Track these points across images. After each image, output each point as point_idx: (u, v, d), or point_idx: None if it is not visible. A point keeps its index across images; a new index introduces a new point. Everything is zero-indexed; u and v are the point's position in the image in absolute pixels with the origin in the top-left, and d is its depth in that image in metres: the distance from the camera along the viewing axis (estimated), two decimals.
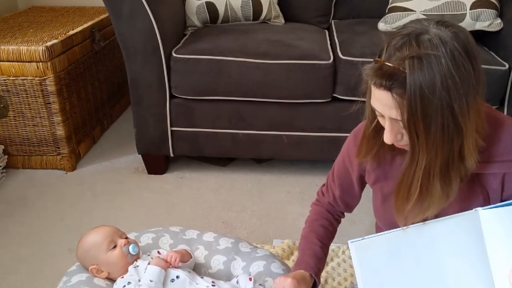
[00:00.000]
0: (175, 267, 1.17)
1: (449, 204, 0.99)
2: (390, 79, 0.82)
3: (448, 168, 0.89)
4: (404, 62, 0.81)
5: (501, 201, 1.01)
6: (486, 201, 0.99)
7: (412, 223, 0.95)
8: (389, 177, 1.06)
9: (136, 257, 1.19)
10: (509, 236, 0.91)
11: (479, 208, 0.93)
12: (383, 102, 0.85)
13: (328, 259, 1.49)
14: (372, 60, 0.88)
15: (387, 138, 0.89)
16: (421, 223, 0.96)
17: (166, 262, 1.17)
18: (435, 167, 0.88)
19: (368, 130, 0.99)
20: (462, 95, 0.82)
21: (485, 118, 0.92)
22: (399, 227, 0.97)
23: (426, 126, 0.83)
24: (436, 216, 0.96)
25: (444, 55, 0.80)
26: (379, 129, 0.96)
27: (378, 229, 1.22)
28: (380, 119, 0.91)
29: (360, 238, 0.95)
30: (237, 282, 1.18)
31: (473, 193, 0.99)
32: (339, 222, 1.27)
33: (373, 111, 0.93)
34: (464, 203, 0.99)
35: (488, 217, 0.92)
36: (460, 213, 0.94)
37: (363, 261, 0.94)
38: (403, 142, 0.90)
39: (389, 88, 0.82)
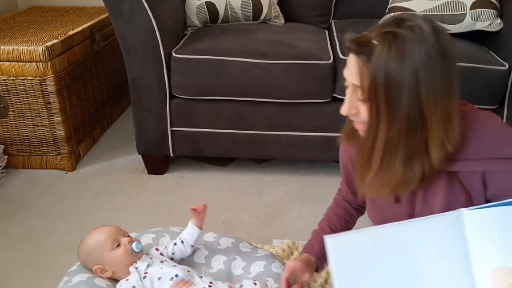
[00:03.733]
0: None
1: (432, 203, 1.00)
2: (360, 45, 0.86)
3: (411, 155, 0.91)
4: (378, 35, 0.85)
5: (486, 200, 1.01)
6: (469, 201, 0.99)
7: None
8: None
9: (140, 254, 1.20)
10: (492, 238, 0.90)
11: (463, 209, 0.92)
12: (349, 68, 0.90)
13: None
14: None
15: (343, 108, 0.93)
16: (402, 221, 0.97)
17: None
18: (398, 147, 0.89)
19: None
20: (430, 87, 0.84)
21: (461, 118, 0.93)
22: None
23: (388, 101, 0.85)
24: (422, 216, 0.96)
25: (420, 43, 0.83)
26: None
27: None
28: (347, 92, 0.94)
29: (338, 234, 0.95)
30: (241, 286, 1.18)
31: (455, 192, 0.99)
32: (360, 211, 1.28)
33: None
34: (447, 203, 1.00)
35: (472, 218, 0.91)
36: (443, 213, 0.94)
37: (339, 258, 0.93)
38: (358, 118, 0.93)
39: (356, 53, 0.87)
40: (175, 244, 1.28)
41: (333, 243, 0.94)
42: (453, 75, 0.87)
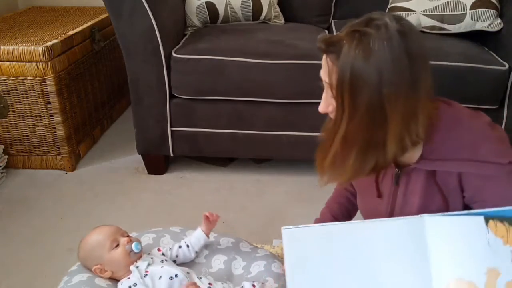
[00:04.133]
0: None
1: (411, 202, 1.01)
2: (330, 45, 0.89)
3: (367, 148, 0.92)
4: (347, 34, 0.88)
5: (464, 203, 1.00)
6: (444, 201, 1.00)
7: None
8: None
9: (139, 255, 1.20)
10: (452, 247, 0.89)
11: (425, 215, 0.92)
12: (323, 67, 0.93)
13: None
14: None
15: (320, 106, 0.97)
16: (362, 220, 0.98)
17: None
18: (355, 139, 0.91)
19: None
20: (393, 85, 0.85)
21: (438, 116, 0.94)
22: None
23: (352, 97, 0.88)
24: (401, 213, 0.97)
25: (384, 42, 0.85)
26: None
27: None
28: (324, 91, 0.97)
29: (294, 226, 0.96)
30: None
31: (432, 192, 1.00)
32: None
33: None
34: (424, 202, 1.01)
35: (434, 224, 0.91)
36: (406, 217, 0.94)
37: (294, 250, 0.94)
38: (333, 114, 0.96)
39: (325, 52, 0.90)
40: (180, 247, 1.28)
41: (289, 234, 0.95)
42: (419, 73, 0.87)
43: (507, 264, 0.87)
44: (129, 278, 1.15)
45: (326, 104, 0.96)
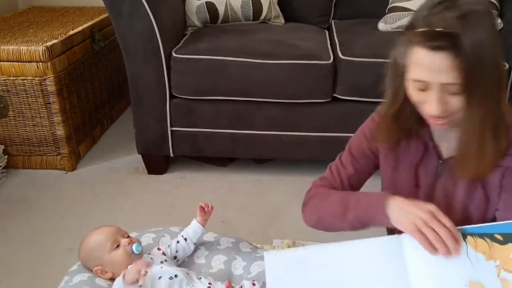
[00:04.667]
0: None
1: (451, 194, 1.00)
2: (445, 40, 0.82)
3: (497, 125, 0.91)
4: (454, 23, 0.82)
5: (498, 202, 1.00)
6: (485, 195, 0.99)
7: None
8: (401, 162, 1.06)
9: (140, 256, 1.19)
10: (431, 261, 0.89)
11: (402, 235, 0.92)
12: (435, 68, 0.84)
13: None
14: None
15: (435, 109, 0.88)
16: (340, 242, 0.97)
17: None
18: (487, 124, 0.89)
19: (388, 113, 1.00)
20: (500, 53, 0.85)
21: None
22: None
23: (482, 84, 0.84)
24: (439, 205, 0.97)
25: (484, 13, 0.84)
26: (399, 113, 0.97)
27: (389, 231, 1.21)
28: (418, 95, 0.90)
29: (275, 250, 0.96)
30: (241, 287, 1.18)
31: (474, 185, 0.99)
32: None
33: (396, 92, 0.95)
34: (466, 195, 1.00)
35: (411, 242, 0.91)
36: (383, 237, 0.94)
37: (274, 273, 0.94)
38: (446, 113, 0.89)
39: (446, 49, 0.82)
40: (178, 242, 1.28)
41: (270, 258, 0.95)
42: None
43: (491, 279, 0.87)
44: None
45: (442, 103, 0.88)
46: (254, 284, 1.17)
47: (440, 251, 0.87)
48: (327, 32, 2.28)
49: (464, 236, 0.89)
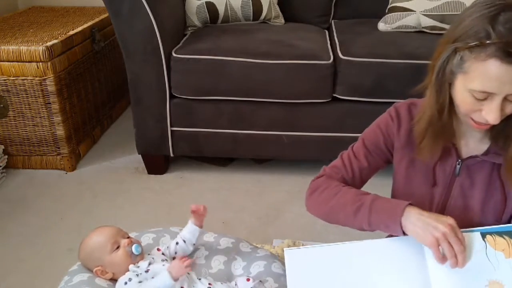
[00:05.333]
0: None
1: (469, 195, 1.01)
2: None
3: None
4: None
5: None
6: (503, 195, 1.00)
7: None
8: (418, 159, 1.05)
9: (140, 257, 1.19)
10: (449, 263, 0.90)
11: None
12: (506, 80, 0.83)
13: None
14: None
15: (495, 118, 0.87)
16: (362, 240, 0.97)
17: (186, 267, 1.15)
18: None
19: (436, 126, 0.97)
20: None
21: None
22: None
23: None
24: (455, 204, 0.96)
25: None
26: (440, 119, 0.96)
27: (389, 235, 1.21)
28: (474, 103, 0.89)
29: (297, 248, 0.95)
30: (236, 285, 1.18)
31: (493, 185, 1.00)
32: None
33: (442, 99, 0.92)
34: (485, 194, 1.00)
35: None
36: (404, 236, 0.94)
37: (295, 271, 0.94)
38: (502, 117, 0.89)
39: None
40: (177, 243, 1.28)
41: (291, 255, 0.94)
42: None
43: (511, 277, 0.88)
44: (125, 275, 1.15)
45: (499, 111, 0.88)
46: (248, 280, 1.17)
47: (450, 263, 0.89)
48: (327, 32, 2.28)
49: (483, 235, 0.91)
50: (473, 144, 1.00)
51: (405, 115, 1.07)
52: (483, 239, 0.91)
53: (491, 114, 0.88)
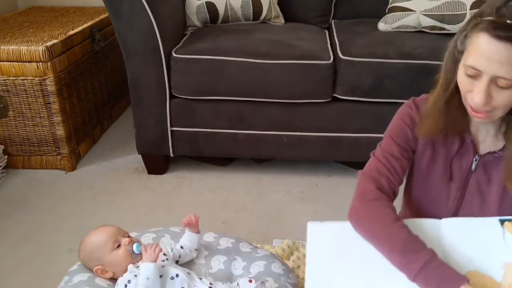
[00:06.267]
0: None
1: (482, 188, 1.01)
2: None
3: None
4: None
5: None
6: None
7: None
8: (438, 154, 1.05)
9: (140, 256, 1.19)
10: (467, 243, 0.93)
11: (442, 220, 0.96)
12: (493, 57, 0.83)
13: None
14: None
15: (479, 99, 0.87)
16: None
17: (155, 252, 1.15)
18: None
19: (439, 102, 0.97)
20: None
21: None
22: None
23: None
24: (471, 200, 0.98)
25: None
26: (449, 103, 0.96)
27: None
28: (467, 82, 0.89)
29: (319, 222, 0.96)
30: (238, 285, 1.18)
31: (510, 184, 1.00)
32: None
33: (449, 80, 0.93)
34: (502, 190, 1.00)
35: (449, 225, 0.95)
36: (423, 219, 0.96)
37: (316, 244, 0.96)
38: (488, 106, 0.89)
39: (509, 41, 0.82)
40: (182, 247, 1.28)
41: (313, 228, 0.97)
42: None
43: None
44: (122, 276, 1.15)
45: (487, 95, 0.87)
46: (250, 281, 1.17)
47: None
48: (327, 32, 2.28)
49: (502, 222, 0.94)
50: (489, 141, 1.00)
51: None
52: (501, 225, 0.94)
53: (477, 95, 0.87)
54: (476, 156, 1.02)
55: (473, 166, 1.03)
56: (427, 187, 1.09)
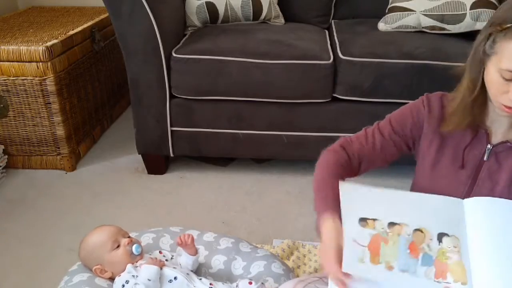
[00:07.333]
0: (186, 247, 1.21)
1: (492, 176, 1.04)
2: None
3: None
4: None
5: None
6: None
7: None
8: (448, 143, 1.08)
9: (140, 257, 1.19)
10: (487, 229, 0.94)
11: (465, 200, 0.98)
12: None
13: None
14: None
15: None
16: (410, 192, 1.03)
17: (160, 261, 1.17)
18: None
19: (466, 101, 1.01)
20: None
21: None
22: None
23: None
24: (483, 188, 1.00)
25: None
26: (475, 101, 1.00)
27: None
28: (502, 84, 0.92)
29: (352, 183, 1.02)
30: (237, 286, 1.18)
31: None
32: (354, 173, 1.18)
33: (476, 80, 0.98)
34: (510, 183, 1.02)
35: (473, 204, 0.97)
36: (447, 197, 0.98)
37: (347, 202, 0.99)
38: None
39: None
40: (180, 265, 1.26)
41: (344, 187, 1.01)
42: None
43: None
44: (120, 276, 1.15)
45: None
46: (250, 283, 1.17)
47: None
48: (327, 32, 2.28)
49: None
50: (503, 131, 1.03)
51: (437, 103, 1.09)
52: None
53: None
54: (489, 146, 1.05)
55: (486, 155, 1.05)
56: (436, 176, 1.11)
